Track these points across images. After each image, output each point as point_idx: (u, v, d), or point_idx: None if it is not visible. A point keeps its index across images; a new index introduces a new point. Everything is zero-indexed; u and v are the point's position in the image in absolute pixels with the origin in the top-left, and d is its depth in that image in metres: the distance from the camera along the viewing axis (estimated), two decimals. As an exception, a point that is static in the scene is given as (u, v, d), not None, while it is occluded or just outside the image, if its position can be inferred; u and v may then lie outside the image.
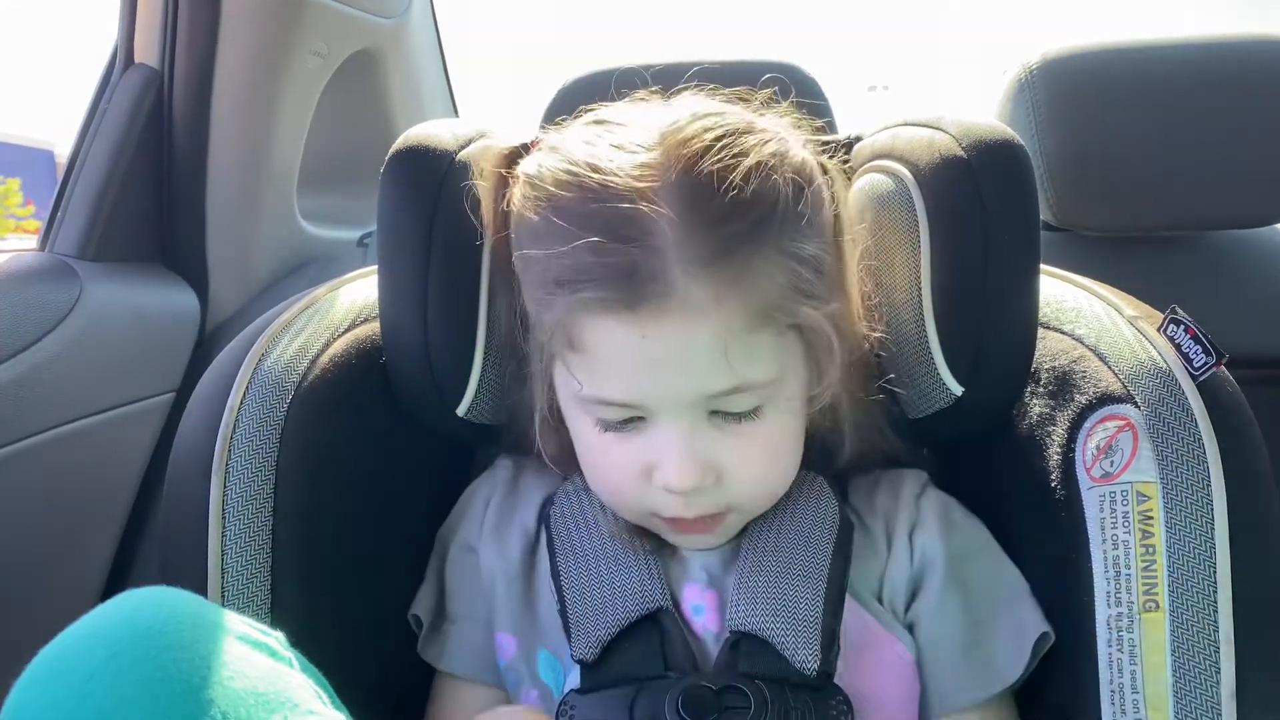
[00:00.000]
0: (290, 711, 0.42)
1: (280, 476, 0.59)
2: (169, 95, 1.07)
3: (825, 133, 0.65)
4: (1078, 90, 1.00)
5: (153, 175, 1.07)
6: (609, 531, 0.63)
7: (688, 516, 0.58)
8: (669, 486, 0.56)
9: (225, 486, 0.58)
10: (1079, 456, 0.59)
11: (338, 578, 0.62)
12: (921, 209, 0.63)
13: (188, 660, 0.41)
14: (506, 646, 0.64)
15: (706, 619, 0.60)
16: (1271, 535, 0.55)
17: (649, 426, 0.56)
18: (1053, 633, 0.60)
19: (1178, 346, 0.58)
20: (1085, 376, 0.60)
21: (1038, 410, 0.63)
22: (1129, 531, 0.55)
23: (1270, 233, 1.11)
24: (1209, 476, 0.54)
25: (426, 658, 0.66)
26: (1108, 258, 1.04)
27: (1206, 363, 0.56)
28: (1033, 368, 0.64)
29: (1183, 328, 0.58)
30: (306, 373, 0.63)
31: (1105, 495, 0.57)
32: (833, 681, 0.57)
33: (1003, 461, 0.66)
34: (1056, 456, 0.60)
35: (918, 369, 0.63)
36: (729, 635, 0.58)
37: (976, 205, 0.60)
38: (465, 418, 0.66)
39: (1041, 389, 0.63)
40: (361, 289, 0.70)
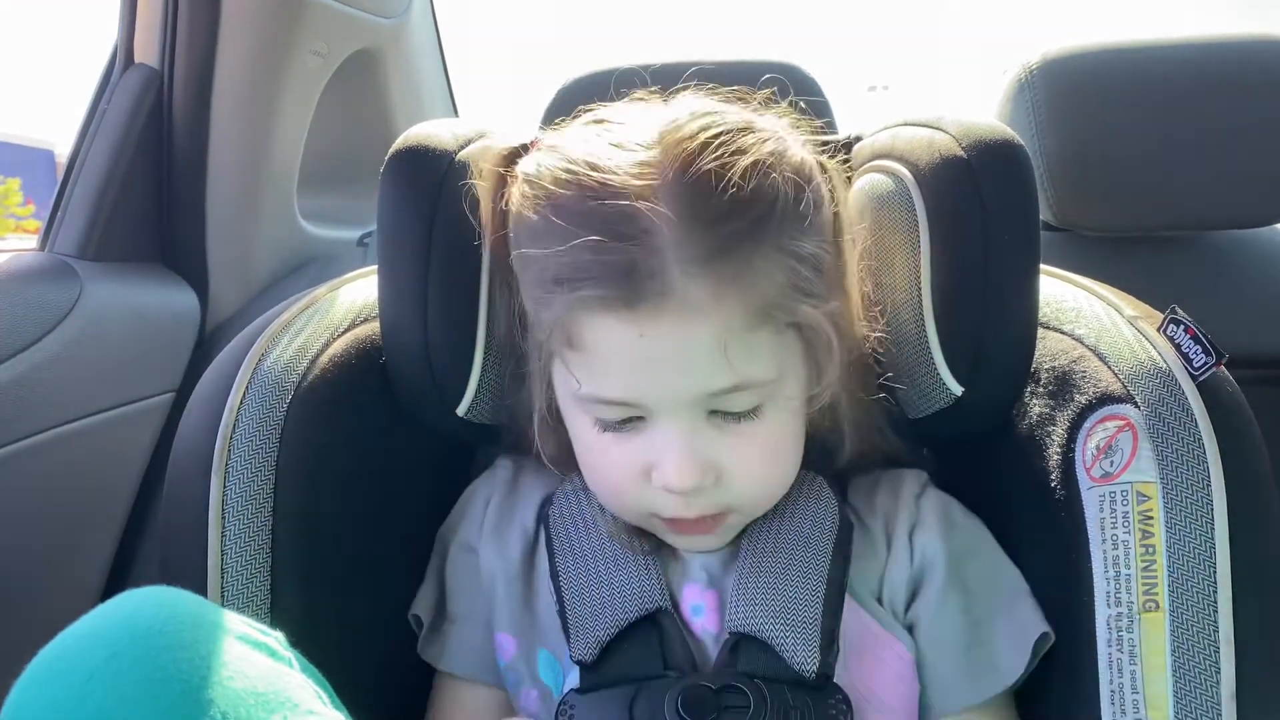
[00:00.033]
0: (290, 711, 0.42)
1: (280, 476, 0.59)
2: (169, 95, 1.07)
3: (825, 132, 0.65)
4: (1078, 90, 1.00)
5: (153, 175, 1.07)
6: (608, 532, 0.63)
7: (688, 516, 0.58)
8: (668, 486, 0.56)
9: (225, 486, 0.58)
10: (1079, 456, 0.58)
11: (338, 578, 0.62)
12: (921, 209, 0.63)
13: (188, 660, 0.41)
14: (506, 646, 0.64)
15: (706, 619, 0.60)
16: (1271, 535, 0.55)
17: (648, 426, 0.56)
18: (1053, 633, 0.60)
19: (1178, 346, 0.58)
20: (1085, 376, 0.60)
21: (1038, 410, 0.63)
22: (1129, 531, 0.55)
23: (1270, 233, 1.11)
24: (1209, 476, 0.54)
25: (426, 658, 0.66)
26: (1108, 258, 1.04)
27: (1206, 363, 0.56)
28: (1033, 368, 0.64)
29: (1183, 328, 0.58)
30: (306, 373, 0.63)
31: (1105, 495, 0.57)
32: (832, 681, 0.57)
33: (1003, 461, 0.66)
34: (1056, 456, 0.60)
35: (918, 369, 0.63)
36: (728, 636, 0.58)
37: (976, 205, 0.60)
38: (465, 418, 0.66)
39: (1041, 389, 0.63)
40: (361, 289, 0.70)
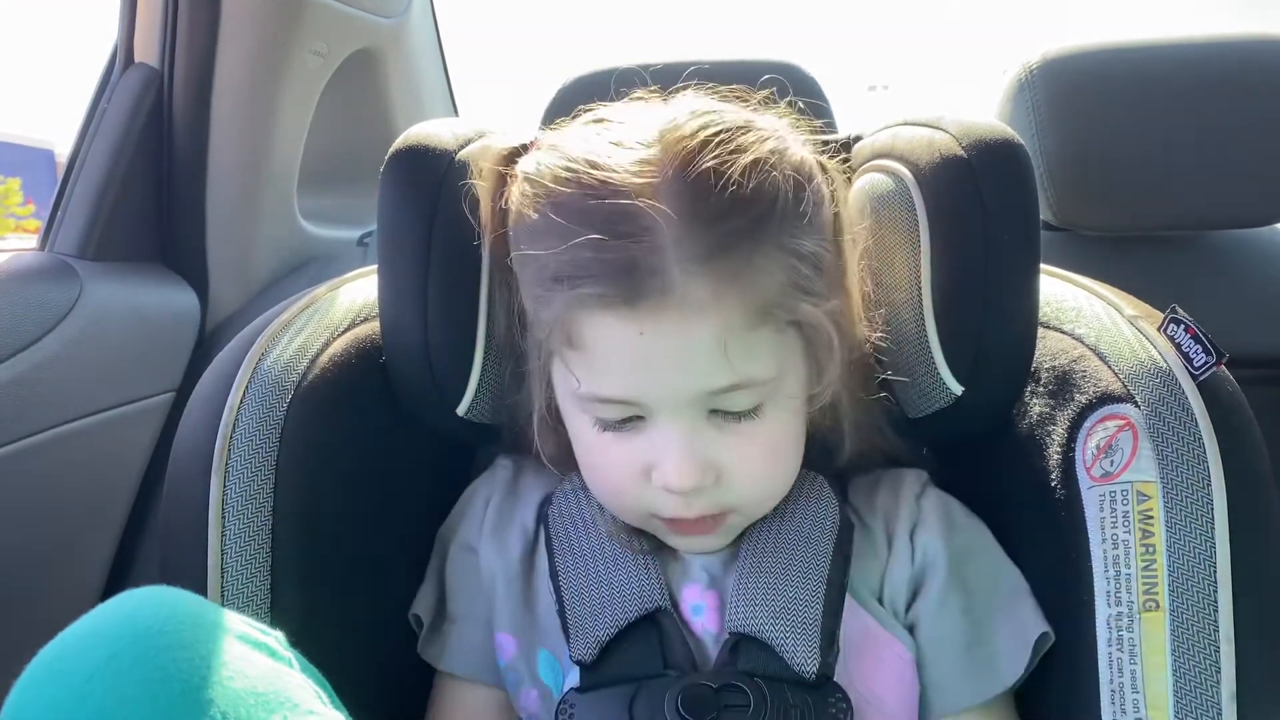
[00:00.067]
0: (290, 711, 0.42)
1: (280, 476, 0.59)
2: (169, 95, 1.07)
3: (825, 132, 0.65)
4: (1078, 90, 1.00)
5: (153, 175, 1.07)
6: (607, 531, 0.63)
7: (688, 517, 0.58)
8: (668, 486, 0.56)
9: (225, 486, 0.58)
10: (1079, 456, 0.58)
11: (338, 578, 0.62)
12: (921, 208, 0.63)
13: (187, 660, 0.41)
14: (506, 646, 0.64)
15: (706, 620, 0.60)
16: (1271, 535, 0.55)
17: (648, 426, 0.56)
18: (1053, 633, 0.60)
19: (1178, 346, 0.58)
20: (1085, 376, 0.60)
21: (1038, 410, 0.63)
22: (1129, 531, 0.55)
23: (1270, 233, 1.11)
24: (1209, 476, 0.54)
25: (426, 658, 0.66)
26: (1108, 258, 1.04)
27: (1206, 362, 0.56)
28: (1033, 367, 0.64)
29: (1183, 327, 0.58)
30: (306, 372, 0.63)
31: (1105, 495, 0.57)
32: (832, 680, 0.57)
33: (1003, 461, 0.66)
34: (1056, 456, 0.60)
35: (918, 368, 0.63)
36: (728, 636, 0.58)
37: (976, 205, 0.60)
38: (465, 417, 0.66)
39: (1041, 388, 0.63)
40: (361, 289, 0.70)
